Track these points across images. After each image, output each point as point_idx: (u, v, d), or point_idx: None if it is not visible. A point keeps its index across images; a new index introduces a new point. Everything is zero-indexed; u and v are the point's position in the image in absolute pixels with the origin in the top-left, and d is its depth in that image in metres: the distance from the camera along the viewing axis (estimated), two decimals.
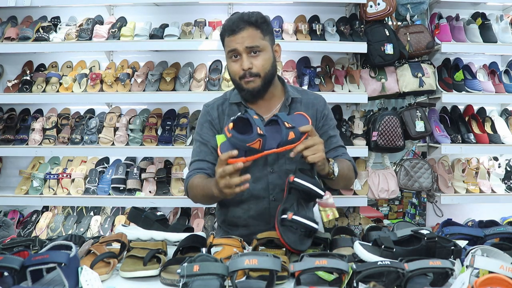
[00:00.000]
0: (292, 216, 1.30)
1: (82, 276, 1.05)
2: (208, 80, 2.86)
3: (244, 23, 1.52)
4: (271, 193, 1.62)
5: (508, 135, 2.93)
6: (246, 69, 1.52)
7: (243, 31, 1.52)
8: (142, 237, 1.50)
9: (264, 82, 1.56)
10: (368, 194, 2.82)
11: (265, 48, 1.55)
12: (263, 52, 1.54)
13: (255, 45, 1.52)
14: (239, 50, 1.52)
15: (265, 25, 1.56)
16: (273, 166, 1.62)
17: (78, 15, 3.07)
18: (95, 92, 2.81)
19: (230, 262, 1.04)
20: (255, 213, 1.63)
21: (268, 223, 1.61)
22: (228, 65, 1.61)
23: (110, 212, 2.96)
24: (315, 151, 1.36)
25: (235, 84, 1.62)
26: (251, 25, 1.52)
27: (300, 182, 1.35)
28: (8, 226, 2.41)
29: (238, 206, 1.66)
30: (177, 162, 2.97)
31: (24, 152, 2.87)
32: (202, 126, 1.69)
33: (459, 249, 1.24)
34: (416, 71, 2.83)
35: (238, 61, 1.54)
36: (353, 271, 1.04)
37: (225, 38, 1.57)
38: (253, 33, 1.52)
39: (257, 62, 1.53)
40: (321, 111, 1.70)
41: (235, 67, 1.56)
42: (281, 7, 3.04)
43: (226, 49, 1.58)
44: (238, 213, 1.67)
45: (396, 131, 2.76)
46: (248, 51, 1.52)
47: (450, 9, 3.07)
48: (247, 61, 1.52)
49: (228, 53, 1.57)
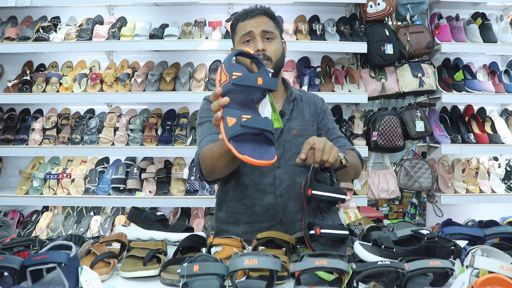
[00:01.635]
0: (320, 231, 1.26)
1: (82, 276, 1.05)
2: (208, 80, 2.86)
3: (260, 11, 1.58)
4: (278, 188, 1.60)
5: (508, 135, 2.93)
6: (260, 49, 1.53)
7: (258, 17, 1.57)
8: (142, 237, 1.50)
9: (275, 68, 1.56)
10: (368, 194, 2.82)
11: (277, 37, 1.60)
12: (275, 40, 1.58)
13: (270, 31, 1.56)
14: (254, 33, 1.55)
15: (276, 19, 1.63)
16: (279, 161, 1.60)
17: (78, 15, 3.07)
18: (95, 92, 2.81)
19: (230, 262, 1.04)
20: (260, 209, 1.60)
21: (273, 219, 1.59)
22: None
23: (110, 212, 2.96)
24: (330, 151, 1.32)
25: None
26: (266, 14, 1.59)
27: (319, 193, 1.30)
28: (8, 226, 2.41)
29: (240, 202, 1.62)
30: (177, 162, 2.97)
31: (24, 152, 2.87)
32: (209, 111, 1.57)
33: (459, 249, 1.24)
34: (416, 71, 2.83)
35: (251, 45, 1.56)
36: (353, 271, 1.04)
37: (239, 23, 1.59)
38: (267, 20, 1.58)
39: (270, 48, 1.56)
40: (320, 106, 1.74)
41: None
42: (281, 7, 3.04)
43: (239, 34, 1.58)
44: (240, 209, 1.62)
45: (396, 131, 2.76)
46: (262, 35, 1.55)
47: (450, 9, 3.07)
48: (261, 43, 1.54)
49: (241, 37, 1.57)
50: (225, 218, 1.67)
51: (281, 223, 1.60)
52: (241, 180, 1.61)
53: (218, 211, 1.72)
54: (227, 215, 1.67)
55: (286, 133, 1.63)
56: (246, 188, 1.60)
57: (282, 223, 1.60)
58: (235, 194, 1.63)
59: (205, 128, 1.60)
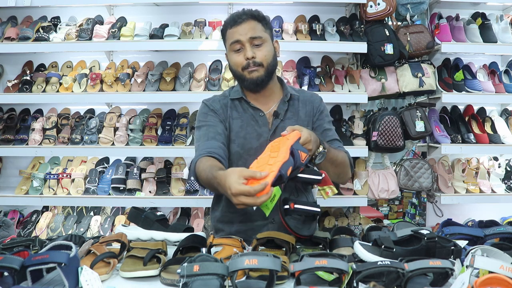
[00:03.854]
0: (294, 205, 1.35)
1: (82, 276, 1.05)
2: (208, 80, 2.86)
3: (246, 16, 1.58)
4: None
5: (508, 135, 2.93)
6: (250, 57, 1.55)
7: (245, 23, 1.56)
8: (142, 237, 1.50)
9: (267, 72, 1.58)
10: (368, 194, 2.82)
11: (267, 40, 1.59)
12: (265, 44, 1.58)
13: (258, 36, 1.56)
14: (242, 40, 1.55)
15: (265, 20, 1.62)
16: None
17: (78, 15, 3.07)
18: (95, 92, 2.81)
19: (230, 262, 1.04)
20: (252, 209, 1.60)
21: (265, 218, 1.60)
22: (229, 58, 1.62)
23: (110, 212, 2.96)
24: (309, 136, 1.36)
25: (237, 76, 1.62)
26: (253, 17, 1.58)
27: (300, 176, 1.33)
28: (8, 226, 2.41)
29: None
30: (177, 162, 2.97)
31: (24, 152, 2.86)
32: (207, 115, 1.65)
33: (459, 249, 1.24)
34: (416, 71, 2.83)
35: (241, 53, 1.57)
36: (353, 271, 1.04)
37: (228, 31, 1.60)
38: (255, 25, 1.57)
39: (260, 53, 1.57)
40: (317, 107, 1.73)
41: (238, 59, 1.58)
42: (281, 7, 3.04)
43: (229, 41, 1.60)
44: (233, 209, 1.59)
45: (396, 131, 2.76)
46: (251, 41, 1.56)
47: (450, 9, 3.07)
48: (250, 50, 1.55)
49: (230, 45, 1.59)
50: (220, 217, 1.71)
51: (273, 222, 1.63)
52: None
53: (214, 210, 1.76)
54: (222, 214, 1.70)
55: (279, 133, 1.63)
56: None
57: (274, 222, 1.62)
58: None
59: (203, 132, 1.61)
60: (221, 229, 1.71)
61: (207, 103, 1.69)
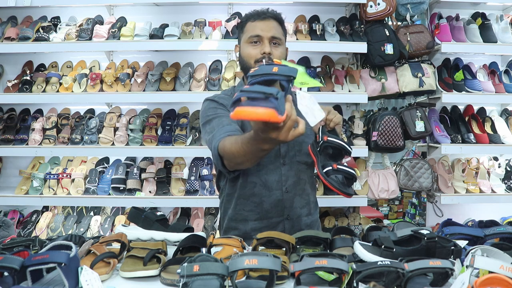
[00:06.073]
0: (336, 166, 1.41)
1: (82, 276, 1.05)
2: (208, 80, 2.86)
3: (271, 15, 1.64)
4: (284, 184, 1.65)
5: (508, 135, 2.93)
6: (267, 52, 1.57)
7: (269, 21, 1.62)
8: (142, 237, 1.50)
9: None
10: (368, 194, 2.82)
11: (283, 43, 1.65)
12: (281, 46, 1.64)
13: (278, 37, 1.62)
14: (263, 37, 1.59)
15: (284, 25, 1.70)
16: (284, 158, 1.66)
17: (78, 15, 3.07)
18: (95, 92, 2.81)
19: (230, 262, 1.04)
20: (268, 206, 1.65)
21: (281, 215, 1.65)
22: (243, 49, 1.63)
23: (110, 212, 2.96)
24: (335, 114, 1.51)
25: (246, 68, 1.62)
26: (276, 19, 1.65)
27: (333, 140, 1.43)
28: (8, 226, 2.41)
29: (248, 199, 1.66)
30: (177, 162, 2.97)
31: (24, 152, 2.86)
32: (216, 109, 1.62)
33: (459, 249, 1.24)
34: (416, 71, 2.83)
35: (258, 46, 1.60)
36: (353, 271, 1.04)
37: (248, 22, 1.63)
38: (277, 26, 1.64)
39: (277, 52, 1.60)
40: None
41: (253, 51, 1.59)
42: (281, 7, 3.00)
43: (248, 33, 1.61)
44: (249, 207, 1.66)
45: (396, 131, 2.76)
46: (270, 39, 1.60)
47: (450, 9, 3.07)
48: (268, 46, 1.58)
49: (249, 37, 1.61)
50: (233, 215, 1.70)
51: (288, 218, 1.66)
52: (249, 179, 1.64)
53: (226, 209, 1.75)
54: (235, 213, 1.70)
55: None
56: (254, 186, 1.64)
57: (289, 219, 1.66)
58: (243, 192, 1.66)
59: (215, 123, 1.57)
60: (234, 227, 1.70)
61: (214, 99, 1.68)
